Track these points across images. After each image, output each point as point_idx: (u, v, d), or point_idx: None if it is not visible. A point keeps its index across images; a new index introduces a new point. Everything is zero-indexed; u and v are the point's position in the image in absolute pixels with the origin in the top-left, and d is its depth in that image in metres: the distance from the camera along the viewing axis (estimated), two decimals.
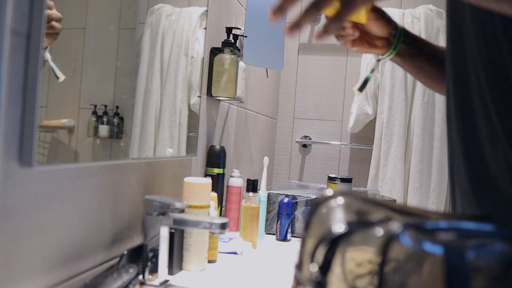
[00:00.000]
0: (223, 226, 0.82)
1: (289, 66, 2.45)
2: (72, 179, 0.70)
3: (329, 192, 0.46)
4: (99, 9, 0.74)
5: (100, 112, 0.76)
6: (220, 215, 1.32)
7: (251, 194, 1.29)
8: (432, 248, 0.37)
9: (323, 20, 2.44)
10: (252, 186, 1.30)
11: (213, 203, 1.08)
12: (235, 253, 1.17)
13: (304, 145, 2.47)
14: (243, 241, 1.23)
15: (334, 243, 0.40)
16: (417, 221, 0.38)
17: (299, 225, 1.48)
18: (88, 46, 0.71)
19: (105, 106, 0.77)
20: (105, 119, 0.77)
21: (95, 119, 0.74)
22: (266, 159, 1.40)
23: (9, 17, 0.53)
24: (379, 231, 0.38)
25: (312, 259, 0.41)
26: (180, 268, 1.00)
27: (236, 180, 1.34)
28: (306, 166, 2.48)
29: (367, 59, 2.23)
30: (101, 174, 0.78)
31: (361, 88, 0.84)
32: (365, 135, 2.35)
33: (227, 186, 1.35)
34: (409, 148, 2.19)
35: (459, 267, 0.37)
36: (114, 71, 0.80)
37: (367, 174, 2.27)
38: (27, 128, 0.57)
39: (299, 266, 0.44)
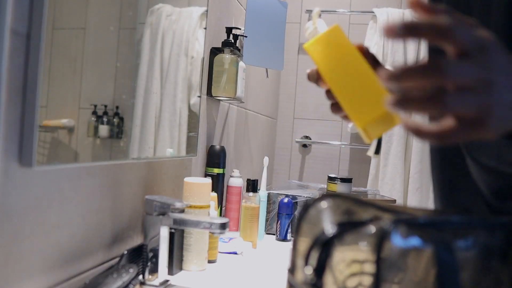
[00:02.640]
0: (223, 226, 0.82)
1: (289, 66, 2.45)
2: (72, 179, 0.70)
3: (318, 194, 0.46)
4: (99, 9, 0.74)
5: (100, 112, 0.75)
6: (220, 215, 1.32)
7: (251, 194, 1.29)
8: (422, 243, 0.38)
9: (323, 19, 2.44)
10: (252, 186, 1.30)
11: (213, 203, 1.08)
12: (235, 253, 1.17)
13: (304, 145, 2.47)
14: (243, 241, 1.23)
15: (327, 245, 0.40)
16: (407, 218, 0.38)
17: None
18: (88, 46, 0.71)
19: (105, 106, 0.77)
20: (105, 119, 0.77)
21: (95, 119, 0.74)
22: (266, 159, 1.40)
23: (9, 17, 0.53)
24: (371, 230, 0.38)
25: (306, 262, 0.41)
26: (180, 268, 1.00)
27: (236, 180, 1.34)
28: (306, 166, 2.48)
29: None
30: (101, 174, 0.78)
31: (378, 151, 0.76)
32: None
33: (227, 186, 1.35)
34: (409, 148, 2.19)
35: (448, 261, 0.37)
36: (114, 71, 0.80)
37: (367, 174, 2.27)
38: (27, 128, 0.57)
39: (292, 270, 0.44)
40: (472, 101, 0.35)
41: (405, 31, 0.35)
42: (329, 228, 0.41)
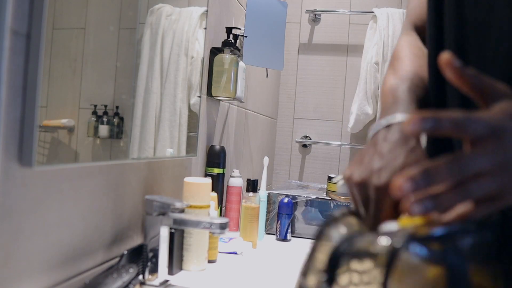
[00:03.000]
0: (223, 226, 0.82)
1: (289, 66, 2.45)
2: (72, 179, 0.70)
3: (345, 209, 0.46)
4: (99, 9, 0.74)
5: (100, 112, 0.75)
6: (220, 215, 1.32)
7: (251, 194, 1.29)
8: (435, 258, 0.38)
9: (323, 20, 2.44)
10: (252, 186, 1.30)
11: (213, 203, 1.08)
12: (235, 253, 1.17)
13: (304, 145, 2.47)
14: (243, 241, 1.23)
15: (340, 256, 0.40)
16: (418, 233, 0.38)
17: (299, 225, 1.48)
18: (88, 46, 0.71)
19: (105, 106, 0.77)
20: (105, 119, 0.77)
21: (95, 119, 0.74)
22: (266, 159, 1.40)
23: (9, 17, 0.53)
24: (383, 245, 0.38)
25: (319, 269, 0.41)
26: (180, 268, 1.00)
27: (236, 180, 1.34)
28: (306, 166, 2.48)
29: (367, 59, 2.23)
30: (101, 174, 0.78)
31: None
32: (365, 135, 2.35)
33: (227, 186, 1.35)
34: None
35: (459, 275, 0.37)
36: (114, 71, 0.80)
37: None
38: (27, 128, 0.57)
39: (305, 274, 0.44)
40: (491, 184, 0.37)
41: (423, 127, 0.37)
42: (345, 241, 0.41)
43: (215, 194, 1.15)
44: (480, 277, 0.40)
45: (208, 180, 1.04)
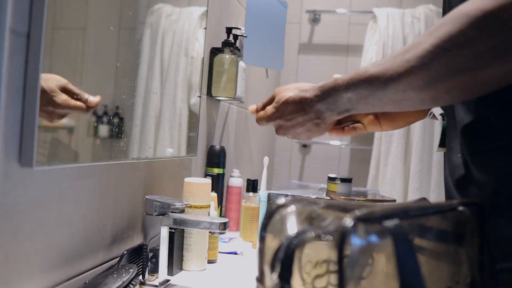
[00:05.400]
0: (223, 226, 0.82)
1: (289, 66, 2.45)
2: (72, 179, 0.70)
3: (281, 200, 0.46)
4: (99, 9, 0.74)
5: (100, 112, 0.75)
6: (220, 215, 1.32)
7: (251, 194, 1.29)
8: (380, 239, 0.39)
9: (323, 20, 2.44)
10: (252, 186, 1.30)
11: (213, 203, 1.08)
12: (235, 253, 1.17)
13: (304, 145, 2.47)
14: (243, 241, 1.23)
15: (290, 249, 0.40)
16: (365, 214, 0.39)
17: None
18: (88, 46, 0.71)
19: (105, 106, 0.77)
20: (105, 119, 0.77)
21: (95, 119, 0.74)
22: (266, 159, 1.40)
23: (9, 17, 0.53)
24: (331, 230, 0.39)
25: (272, 269, 0.41)
26: (180, 268, 1.00)
27: (236, 180, 1.34)
28: (306, 166, 2.48)
29: (367, 59, 2.23)
30: (101, 174, 0.78)
31: (442, 143, 0.67)
32: (365, 135, 2.35)
33: (227, 186, 1.35)
34: (409, 148, 2.19)
35: (406, 251, 0.39)
36: (114, 71, 0.80)
37: (367, 174, 2.27)
38: (27, 128, 0.57)
39: (260, 279, 0.44)
40: (282, 128, 0.81)
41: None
42: (291, 233, 0.41)
43: (215, 194, 1.15)
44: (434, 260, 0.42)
45: (208, 180, 1.04)
